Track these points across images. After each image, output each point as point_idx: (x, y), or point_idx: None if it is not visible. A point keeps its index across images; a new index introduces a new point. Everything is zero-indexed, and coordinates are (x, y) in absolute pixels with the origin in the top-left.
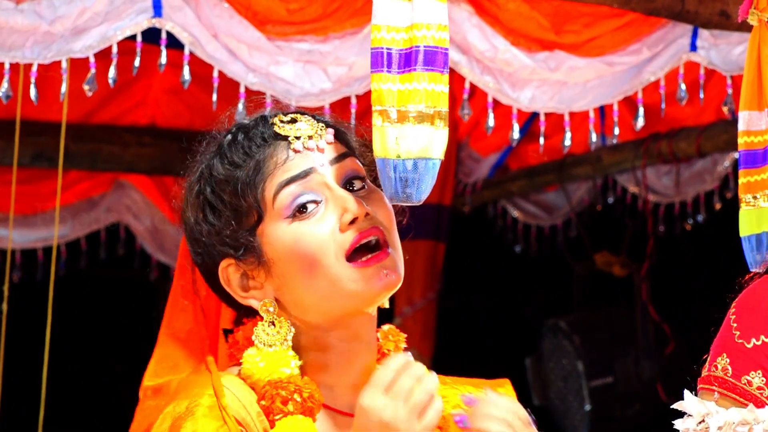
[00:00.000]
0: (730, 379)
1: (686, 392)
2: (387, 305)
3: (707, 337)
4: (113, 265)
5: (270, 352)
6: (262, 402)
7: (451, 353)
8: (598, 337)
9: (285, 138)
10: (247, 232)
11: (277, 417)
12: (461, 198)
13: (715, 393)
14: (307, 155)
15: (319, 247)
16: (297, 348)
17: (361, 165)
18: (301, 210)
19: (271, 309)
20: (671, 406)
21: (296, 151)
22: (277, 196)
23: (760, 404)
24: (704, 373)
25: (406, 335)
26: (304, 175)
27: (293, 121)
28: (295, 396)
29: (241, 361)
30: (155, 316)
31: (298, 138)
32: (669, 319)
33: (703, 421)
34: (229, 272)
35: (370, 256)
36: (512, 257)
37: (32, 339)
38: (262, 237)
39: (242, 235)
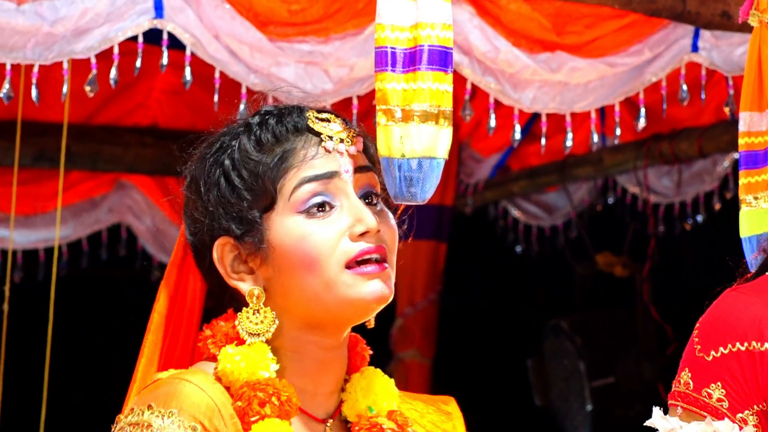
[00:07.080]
0: (692, 393)
1: (654, 409)
2: (372, 324)
3: None
4: (115, 265)
5: (249, 353)
6: (238, 403)
7: (453, 354)
8: (600, 338)
9: (317, 134)
10: (256, 213)
11: (252, 419)
12: (462, 198)
13: (678, 408)
14: (335, 157)
15: (324, 248)
16: (275, 350)
17: (378, 181)
18: (314, 209)
19: (257, 293)
20: (644, 424)
21: (326, 151)
22: (297, 190)
23: (720, 416)
24: (672, 389)
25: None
26: (329, 176)
27: (327, 120)
28: (273, 399)
29: (218, 357)
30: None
31: (330, 138)
32: (670, 319)
33: None
34: (225, 250)
35: (371, 267)
36: (513, 258)
37: (33, 339)
38: (268, 223)
39: (251, 215)
